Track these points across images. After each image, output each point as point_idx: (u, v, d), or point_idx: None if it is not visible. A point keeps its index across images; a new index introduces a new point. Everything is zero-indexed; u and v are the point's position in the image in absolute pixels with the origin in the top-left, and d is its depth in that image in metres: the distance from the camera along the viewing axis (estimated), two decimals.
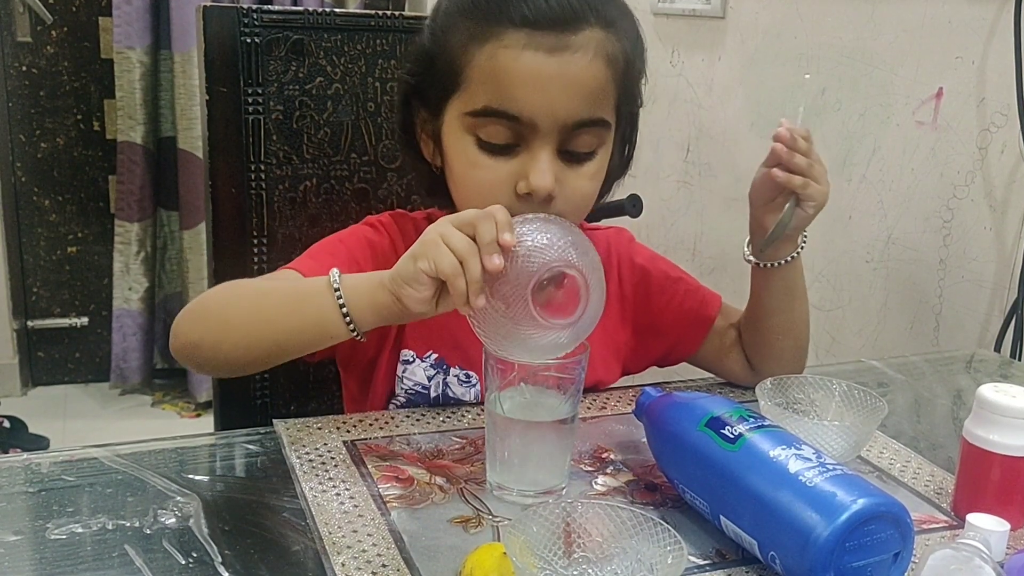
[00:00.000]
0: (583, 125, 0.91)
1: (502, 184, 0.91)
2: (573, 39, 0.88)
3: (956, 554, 0.66)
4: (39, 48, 2.87)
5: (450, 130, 0.94)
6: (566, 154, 0.92)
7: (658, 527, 0.68)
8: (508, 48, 0.88)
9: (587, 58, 0.89)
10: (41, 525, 0.74)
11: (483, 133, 0.91)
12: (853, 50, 1.61)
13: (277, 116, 1.18)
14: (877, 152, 1.57)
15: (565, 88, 0.89)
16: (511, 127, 0.90)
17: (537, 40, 0.88)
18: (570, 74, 0.88)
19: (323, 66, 1.19)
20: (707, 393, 0.88)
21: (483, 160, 0.91)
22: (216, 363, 0.93)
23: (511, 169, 0.91)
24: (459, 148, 0.93)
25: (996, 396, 0.79)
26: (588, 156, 0.93)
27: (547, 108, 0.88)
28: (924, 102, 1.48)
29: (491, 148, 0.91)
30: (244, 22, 1.14)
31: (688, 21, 2.07)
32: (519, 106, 0.88)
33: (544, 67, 0.88)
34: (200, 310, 0.91)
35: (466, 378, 1.00)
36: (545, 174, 0.89)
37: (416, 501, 0.80)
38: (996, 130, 1.37)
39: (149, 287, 2.95)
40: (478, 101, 0.90)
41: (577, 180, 0.93)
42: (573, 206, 0.94)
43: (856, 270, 1.63)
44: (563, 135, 0.90)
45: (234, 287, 0.92)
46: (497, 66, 0.89)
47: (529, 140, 0.90)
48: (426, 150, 1.00)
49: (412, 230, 1.03)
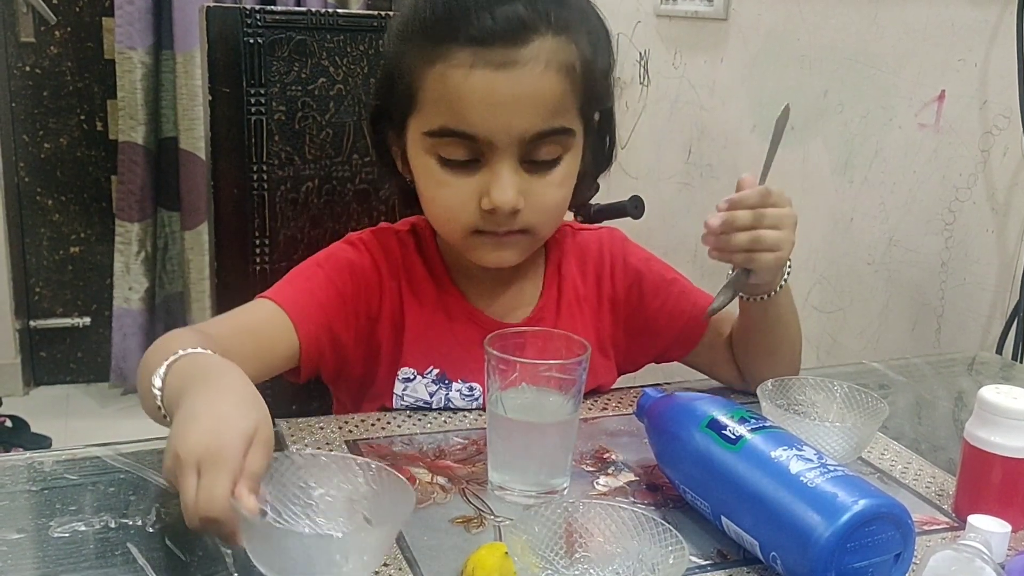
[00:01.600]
0: (543, 136, 0.90)
1: (466, 201, 0.91)
2: (522, 52, 0.87)
3: (957, 555, 0.66)
4: (42, 48, 2.88)
5: (413, 150, 0.95)
6: (530, 164, 0.91)
7: (659, 527, 0.68)
8: (456, 68, 0.88)
9: (538, 69, 0.88)
10: (44, 523, 0.74)
11: (443, 152, 0.91)
12: (855, 52, 1.61)
13: (279, 117, 1.18)
14: (879, 154, 1.57)
15: (518, 103, 0.88)
16: (468, 145, 0.90)
17: (485, 57, 0.87)
18: (522, 88, 0.87)
19: (326, 67, 1.19)
20: (708, 394, 0.88)
21: (446, 178, 0.92)
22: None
23: (474, 185, 0.91)
24: (422, 167, 0.94)
25: (997, 398, 0.79)
26: (553, 163, 0.93)
27: (502, 125, 0.88)
28: (926, 104, 1.48)
29: (452, 165, 0.91)
30: (247, 23, 1.15)
31: (691, 23, 2.07)
32: (473, 125, 0.88)
33: (494, 84, 0.87)
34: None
35: (469, 391, 0.99)
36: (506, 190, 0.89)
37: (418, 501, 0.80)
38: (998, 133, 1.37)
39: (149, 287, 2.95)
40: (434, 122, 0.90)
41: (544, 189, 0.92)
42: (542, 215, 0.94)
43: (858, 272, 1.63)
44: (523, 148, 0.90)
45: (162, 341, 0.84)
46: (447, 87, 0.88)
47: (488, 156, 0.90)
48: (399, 163, 1.01)
49: (395, 244, 1.02)
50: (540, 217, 0.94)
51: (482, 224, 0.93)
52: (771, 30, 1.82)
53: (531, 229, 0.95)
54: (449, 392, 0.99)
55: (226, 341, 0.86)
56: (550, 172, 0.93)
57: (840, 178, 1.66)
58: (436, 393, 0.99)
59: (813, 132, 1.72)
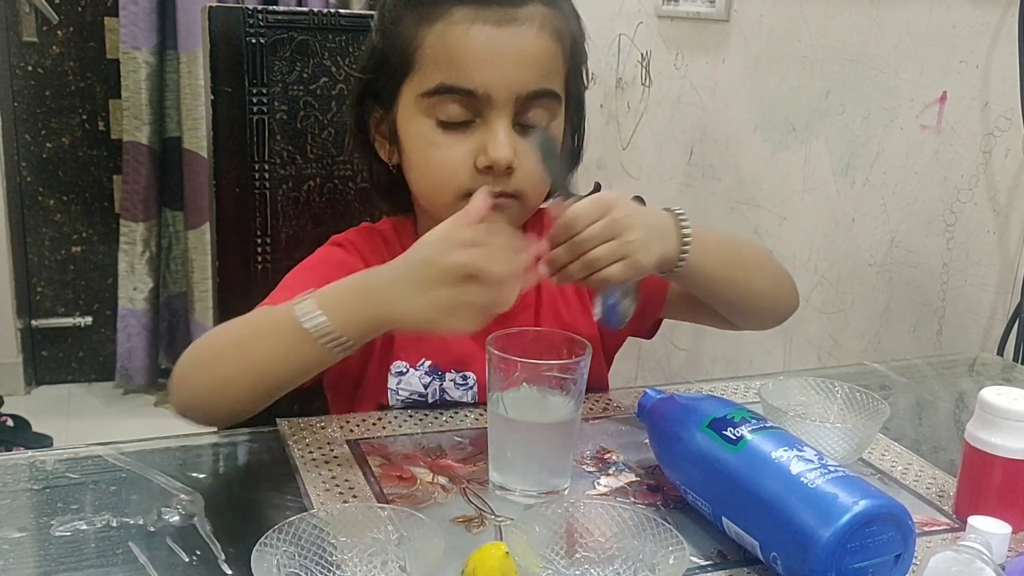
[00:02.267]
0: (536, 97, 0.93)
1: (462, 161, 0.93)
2: (519, 12, 0.92)
3: (957, 556, 0.66)
4: (45, 48, 2.88)
5: (406, 116, 0.97)
6: (521, 127, 0.94)
7: (660, 527, 0.68)
8: (457, 24, 0.91)
9: (534, 30, 0.92)
10: (45, 522, 0.74)
11: (439, 112, 0.93)
12: (857, 53, 1.61)
13: (281, 116, 1.18)
14: (880, 155, 1.57)
15: (516, 59, 0.92)
16: (466, 102, 0.92)
17: (484, 14, 0.91)
18: (520, 45, 0.92)
19: (327, 66, 1.19)
20: (709, 395, 0.88)
21: (441, 139, 0.94)
22: (218, 417, 0.90)
23: (470, 145, 0.93)
24: (416, 131, 0.95)
25: (998, 399, 0.79)
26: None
27: (500, 79, 0.91)
28: (928, 106, 1.48)
29: (448, 126, 0.94)
30: (249, 23, 1.15)
31: (692, 24, 2.07)
32: (473, 80, 0.91)
33: (494, 39, 0.91)
34: (190, 368, 0.88)
35: (463, 380, 1.00)
36: (503, 146, 0.92)
37: (419, 500, 0.80)
38: (1000, 134, 1.37)
39: (154, 287, 2.95)
40: (432, 80, 0.93)
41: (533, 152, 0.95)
42: (530, 180, 0.96)
43: (859, 273, 1.63)
44: (517, 107, 0.93)
45: (216, 337, 0.90)
46: (448, 43, 0.92)
47: (485, 114, 0.93)
48: (381, 150, 1.02)
49: (380, 243, 1.04)
50: (529, 182, 0.95)
51: (476, 185, 0.93)
52: (773, 31, 1.82)
53: (520, 194, 0.96)
54: (443, 383, 0.99)
55: None
56: None
57: (841, 179, 1.66)
58: (430, 385, 0.99)
59: (814, 133, 1.72)
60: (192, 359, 0.89)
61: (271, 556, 0.64)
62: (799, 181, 1.76)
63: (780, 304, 1.07)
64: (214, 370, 0.87)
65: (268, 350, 0.84)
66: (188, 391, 0.88)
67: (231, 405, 0.87)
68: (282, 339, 0.83)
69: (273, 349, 0.84)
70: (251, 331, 0.87)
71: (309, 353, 0.82)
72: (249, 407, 0.88)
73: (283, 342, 0.83)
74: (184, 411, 0.89)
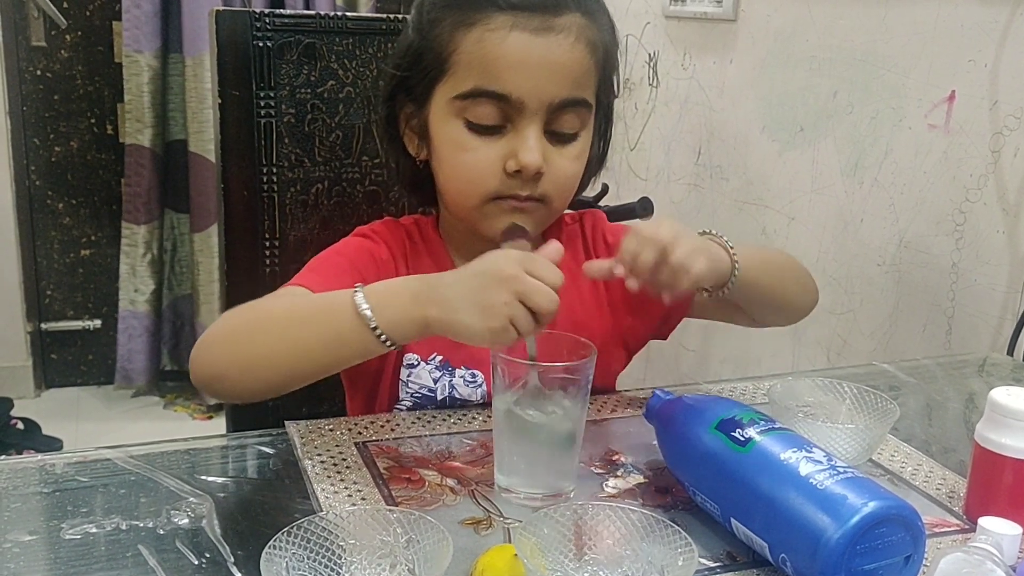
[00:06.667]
0: (568, 105, 0.95)
1: (491, 164, 0.94)
2: (557, 21, 0.93)
3: (968, 557, 0.66)
4: (53, 52, 2.89)
5: (438, 117, 0.97)
6: (551, 135, 0.95)
7: (669, 529, 0.68)
8: (495, 31, 0.92)
9: (570, 40, 0.93)
10: (55, 525, 0.75)
11: (471, 115, 0.94)
12: (865, 53, 1.61)
13: (289, 119, 1.18)
14: (889, 155, 1.57)
15: (551, 68, 0.93)
16: (499, 107, 0.93)
17: (523, 22, 0.92)
18: (555, 54, 0.93)
19: (335, 69, 1.19)
20: (718, 396, 0.88)
21: (472, 142, 0.95)
22: (243, 393, 0.90)
23: (500, 149, 0.94)
24: (448, 132, 0.96)
25: (1008, 400, 0.79)
26: (572, 137, 0.97)
27: (534, 87, 0.92)
28: (936, 105, 1.47)
29: (480, 129, 0.95)
30: (256, 26, 1.15)
31: (700, 24, 2.07)
32: (507, 85, 0.92)
33: (530, 47, 0.92)
34: (221, 340, 0.88)
35: (472, 378, 1.00)
36: (533, 151, 0.93)
37: (427, 503, 0.80)
38: (1009, 133, 1.36)
39: (156, 289, 2.96)
40: (466, 83, 0.94)
41: (562, 160, 0.96)
42: (559, 187, 0.97)
43: (867, 273, 1.63)
44: (549, 114, 0.94)
45: (253, 312, 0.89)
46: (485, 48, 0.92)
47: (516, 120, 0.94)
48: (410, 145, 1.03)
49: (404, 237, 1.05)
50: (557, 188, 0.97)
51: (504, 188, 0.95)
52: (780, 31, 1.82)
53: (547, 198, 0.97)
54: (452, 379, 1.00)
55: None
56: (568, 145, 0.97)
57: (850, 179, 1.66)
58: (440, 380, 1.00)
59: (823, 133, 1.72)
60: (224, 333, 0.88)
61: (280, 559, 0.64)
62: (807, 181, 1.76)
63: (808, 301, 1.11)
64: (250, 346, 0.87)
65: (317, 334, 0.84)
66: (216, 364, 0.88)
67: (262, 384, 0.87)
68: (335, 325, 0.83)
69: (323, 334, 0.84)
70: (301, 312, 0.87)
71: (358, 343, 0.82)
72: (279, 387, 0.88)
73: (335, 328, 0.83)
74: (206, 384, 0.88)
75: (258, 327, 0.88)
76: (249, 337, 0.87)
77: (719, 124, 2.04)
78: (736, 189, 1.98)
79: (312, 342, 0.84)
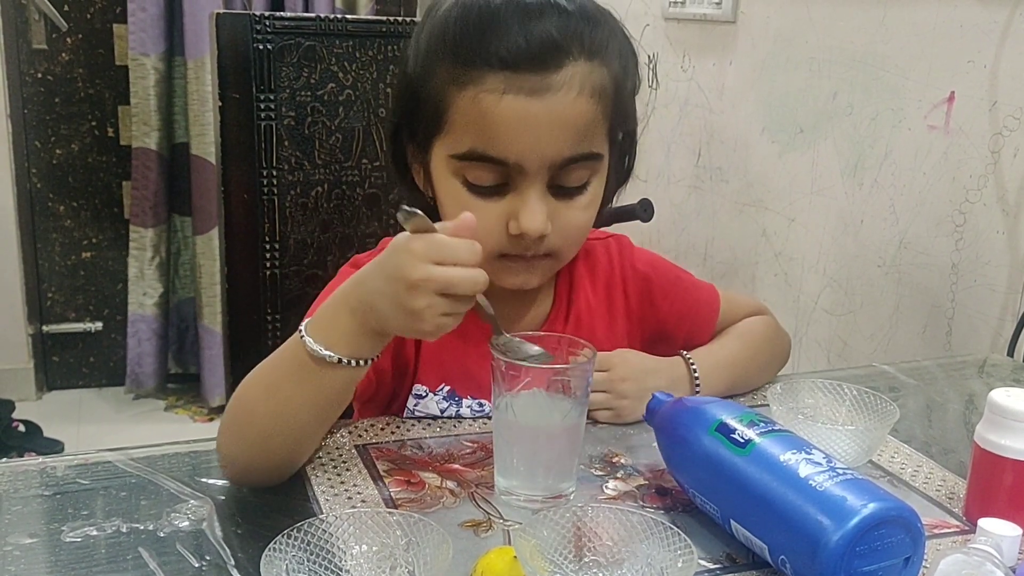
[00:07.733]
0: (573, 161, 0.89)
1: (493, 225, 0.89)
2: (555, 78, 0.86)
3: (968, 559, 0.66)
4: (54, 55, 2.89)
5: (438, 171, 0.93)
6: (557, 189, 0.90)
7: (668, 531, 0.68)
8: (489, 92, 0.86)
9: (571, 95, 0.86)
10: (56, 528, 0.75)
11: (471, 176, 0.89)
12: (864, 54, 1.61)
13: (289, 122, 1.18)
14: (889, 156, 1.57)
15: (550, 129, 0.86)
16: (498, 170, 0.88)
17: (518, 83, 0.85)
18: (555, 114, 0.86)
19: (335, 72, 1.20)
20: (717, 398, 0.88)
21: (472, 202, 0.89)
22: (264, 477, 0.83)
23: (501, 210, 0.90)
24: (447, 189, 0.92)
25: (1008, 401, 0.79)
26: (580, 190, 0.92)
27: (533, 150, 0.87)
28: (935, 106, 1.47)
29: (479, 190, 0.90)
30: (256, 29, 1.15)
31: (699, 26, 2.07)
32: (504, 150, 0.87)
33: (527, 110, 0.85)
34: (231, 428, 0.83)
35: (479, 407, 0.99)
36: (535, 216, 0.88)
37: (427, 505, 0.80)
38: (1009, 134, 1.36)
39: (163, 292, 2.96)
40: (462, 145, 0.88)
41: (570, 212, 0.91)
42: (567, 239, 0.93)
43: (868, 274, 1.63)
44: (552, 172, 0.89)
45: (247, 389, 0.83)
46: (479, 111, 0.86)
47: (517, 181, 0.89)
48: (418, 179, 0.98)
49: None
50: (566, 241, 0.93)
51: (509, 248, 0.91)
52: (780, 33, 1.82)
53: (556, 252, 0.94)
54: (460, 409, 0.99)
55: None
56: (577, 197, 0.92)
57: (850, 180, 1.66)
58: (447, 410, 0.98)
59: (822, 134, 1.72)
60: (231, 418, 0.83)
61: (280, 561, 0.64)
62: (807, 182, 1.76)
63: (779, 368, 1.14)
64: (248, 429, 0.82)
65: (295, 395, 0.80)
66: (234, 453, 0.83)
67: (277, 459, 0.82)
68: (305, 379, 0.79)
69: (299, 392, 0.80)
70: (268, 379, 0.82)
71: (336, 380, 0.79)
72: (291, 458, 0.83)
73: (303, 374, 0.79)
74: (236, 478, 0.83)
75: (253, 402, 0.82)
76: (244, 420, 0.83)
77: (719, 126, 2.04)
78: (736, 191, 1.98)
79: (295, 405, 0.80)
